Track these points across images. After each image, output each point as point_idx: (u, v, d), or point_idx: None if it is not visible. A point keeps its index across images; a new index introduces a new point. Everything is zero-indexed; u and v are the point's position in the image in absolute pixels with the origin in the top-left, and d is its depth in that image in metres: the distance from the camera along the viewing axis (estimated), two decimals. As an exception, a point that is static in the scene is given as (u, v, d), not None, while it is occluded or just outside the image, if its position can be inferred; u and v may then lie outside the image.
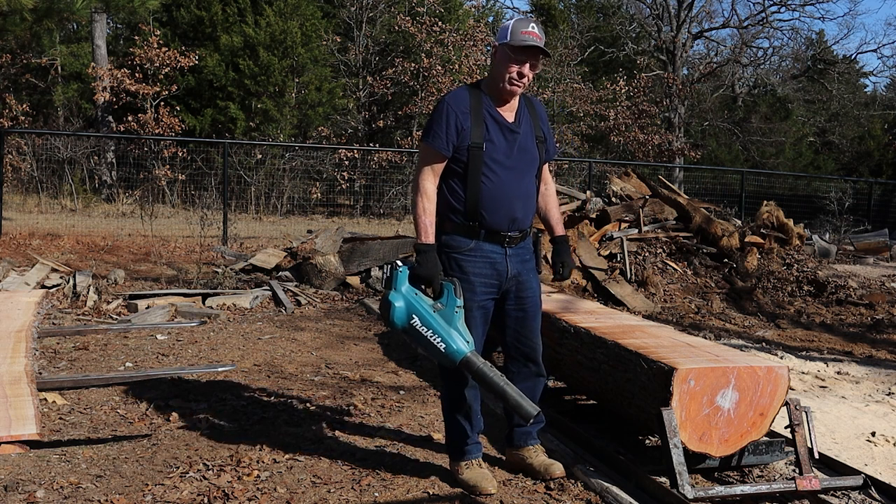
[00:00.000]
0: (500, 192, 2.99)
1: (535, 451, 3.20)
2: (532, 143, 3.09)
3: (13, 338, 4.03)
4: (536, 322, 3.17)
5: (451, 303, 2.81)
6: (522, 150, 3.06)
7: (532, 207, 3.14)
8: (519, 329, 3.13)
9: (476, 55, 19.35)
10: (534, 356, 3.17)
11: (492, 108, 3.04)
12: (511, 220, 3.02)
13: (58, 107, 19.67)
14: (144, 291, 6.78)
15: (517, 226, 3.04)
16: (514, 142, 3.04)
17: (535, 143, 3.11)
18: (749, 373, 3.09)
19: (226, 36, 18.17)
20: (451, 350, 2.77)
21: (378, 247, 8.08)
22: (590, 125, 21.32)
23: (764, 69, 28.74)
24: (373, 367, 4.97)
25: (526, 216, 3.08)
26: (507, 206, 3.00)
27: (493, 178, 2.98)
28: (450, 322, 2.79)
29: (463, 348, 2.78)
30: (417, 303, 2.82)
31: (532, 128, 3.12)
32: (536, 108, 3.20)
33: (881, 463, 3.72)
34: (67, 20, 9.97)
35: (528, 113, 3.14)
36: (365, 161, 16.57)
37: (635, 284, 8.10)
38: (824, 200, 15.64)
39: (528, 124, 3.11)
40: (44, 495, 2.84)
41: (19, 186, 14.68)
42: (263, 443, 3.45)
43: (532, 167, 3.11)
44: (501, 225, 3.01)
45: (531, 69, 3.03)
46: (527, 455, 3.18)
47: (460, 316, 2.82)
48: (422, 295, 2.86)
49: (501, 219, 3.00)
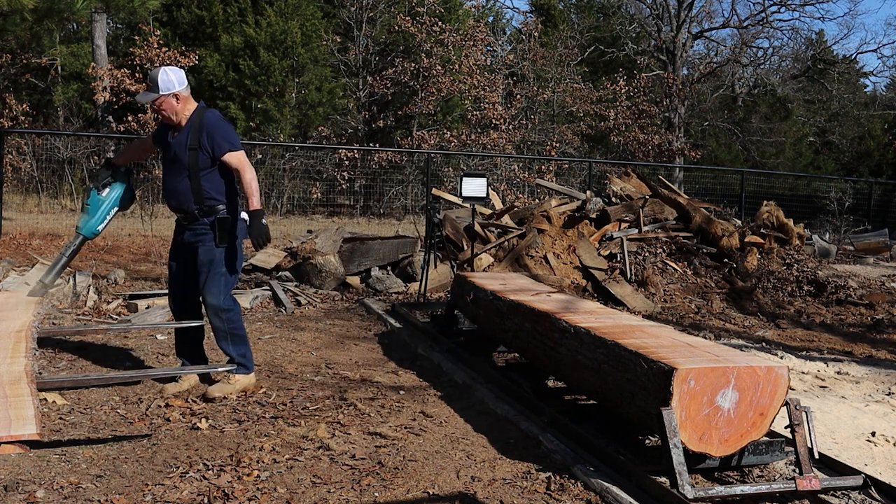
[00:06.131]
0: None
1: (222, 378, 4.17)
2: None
3: (13, 338, 4.02)
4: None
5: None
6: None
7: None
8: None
9: (476, 55, 19.34)
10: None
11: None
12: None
13: (58, 107, 19.67)
14: (144, 291, 6.77)
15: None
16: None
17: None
18: (749, 373, 3.09)
19: (226, 36, 18.17)
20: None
21: (378, 247, 8.08)
22: (590, 125, 21.32)
23: (764, 69, 28.75)
24: (373, 367, 4.97)
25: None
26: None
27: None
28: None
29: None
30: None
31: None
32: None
33: (881, 463, 3.72)
34: (67, 20, 9.96)
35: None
36: (365, 161, 16.57)
37: (635, 284, 8.10)
38: (824, 200, 15.65)
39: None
40: (44, 495, 2.84)
41: (19, 186, 14.67)
42: (263, 443, 3.45)
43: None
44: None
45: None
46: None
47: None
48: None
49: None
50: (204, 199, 4.05)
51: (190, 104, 4.10)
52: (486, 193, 6.93)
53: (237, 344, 4.16)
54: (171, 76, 4.03)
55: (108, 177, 4.35)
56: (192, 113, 4.09)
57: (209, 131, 4.02)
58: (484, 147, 18.04)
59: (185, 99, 4.07)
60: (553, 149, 19.60)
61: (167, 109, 4.04)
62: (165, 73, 4.03)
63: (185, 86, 4.07)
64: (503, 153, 17.93)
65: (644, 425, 3.41)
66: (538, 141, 20.24)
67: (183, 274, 4.25)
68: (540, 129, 20.53)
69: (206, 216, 4.07)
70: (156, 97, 4.02)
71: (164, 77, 4.02)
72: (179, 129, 4.09)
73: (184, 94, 4.06)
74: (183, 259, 4.22)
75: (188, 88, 4.10)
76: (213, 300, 4.10)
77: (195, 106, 4.12)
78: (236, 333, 4.17)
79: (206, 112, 4.11)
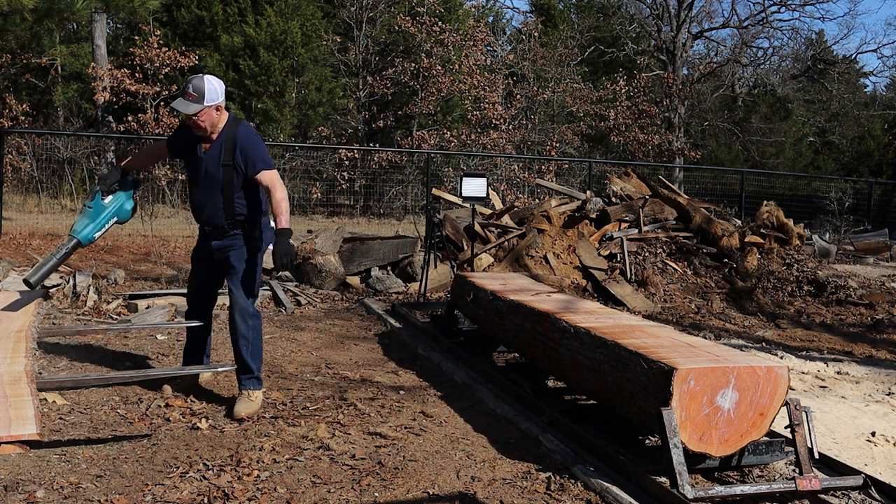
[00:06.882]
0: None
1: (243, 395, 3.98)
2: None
3: (13, 338, 4.02)
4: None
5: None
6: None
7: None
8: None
9: (476, 55, 19.34)
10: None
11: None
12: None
13: (58, 107, 19.65)
14: (144, 291, 6.77)
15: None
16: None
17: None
18: (749, 373, 3.09)
19: (226, 36, 18.17)
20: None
21: (378, 247, 8.08)
22: (590, 125, 21.31)
23: (764, 69, 28.73)
24: (373, 367, 4.97)
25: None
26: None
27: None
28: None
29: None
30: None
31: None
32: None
33: (881, 463, 3.72)
34: (67, 20, 9.96)
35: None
36: (365, 161, 16.57)
37: (635, 284, 8.10)
38: (824, 200, 15.64)
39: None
40: (44, 495, 2.84)
41: (19, 186, 14.66)
42: (263, 443, 3.45)
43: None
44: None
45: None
46: (238, 396, 3.97)
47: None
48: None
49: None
50: (235, 214, 3.94)
51: (224, 116, 3.91)
52: (486, 193, 6.94)
53: (255, 358, 4.03)
54: (216, 86, 3.83)
55: (115, 182, 4.16)
56: (223, 125, 3.90)
57: (244, 148, 3.85)
58: (484, 147, 18.04)
59: (222, 111, 3.90)
60: (553, 149, 19.60)
61: (206, 121, 3.82)
62: (210, 83, 3.81)
63: (224, 97, 3.90)
64: (503, 153, 17.93)
65: (644, 425, 3.42)
66: (538, 141, 20.24)
67: (207, 278, 4.19)
68: (540, 129, 20.53)
69: (235, 228, 3.98)
70: (200, 108, 3.77)
71: (209, 87, 3.79)
72: (209, 141, 3.89)
73: (223, 105, 3.89)
74: (208, 263, 4.12)
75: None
76: (243, 303, 3.99)
77: (227, 117, 3.93)
78: (256, 344, 4.05)
79: (240, 126, 3.92)
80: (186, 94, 3.78)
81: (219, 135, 3.88)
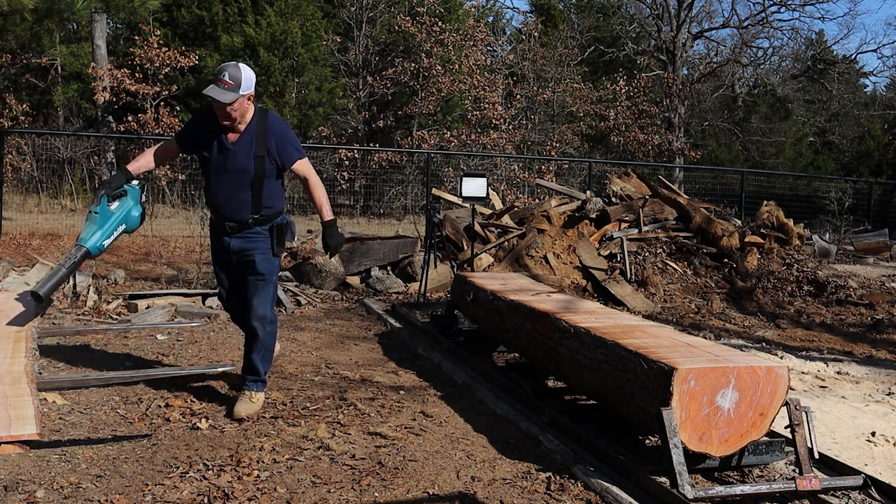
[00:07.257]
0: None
1: (244, 395, 3.90)
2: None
3: (13, 338, 4.02)
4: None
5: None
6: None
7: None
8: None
9: (476, 55, 19.34)
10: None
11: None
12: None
13: (58, 107, 19.66)
14: (144, 291, 6.77)
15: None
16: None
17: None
18: (749, 373, 3.09)
19: (226, 36, 18.18)
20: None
21: (378, 247, 8.08)
22: (590, 125, 21.32)
23: (764, 69, 28.74)
24: (373, 367, 4.97)
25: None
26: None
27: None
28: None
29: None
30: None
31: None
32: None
33: (881, 463, 3.72)
34: (67, 20, 9.96)
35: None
36: (365, 161, 16.57)
37: (635, 284, 8.10)
38: (824, 200, 15.64)
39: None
40: (44, 495, 2.84)
41: (19, 186, 14.67)
42: (263, 443, 3.45)
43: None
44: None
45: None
46: (239, 396, 3.91)
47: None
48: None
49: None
50: (262, 207, 3.80)
51: (252, 106, 3.77)
52: (486, 193, 6.94)
53: (265, 361, 3.98)
54: (251, 75, 3.68)
55: (121, 186, 3.92)
56: (251, 116, 3.76)
57: (277, 139, 3.74)
58: (484, 147, 18.05)
59: (253, 100, 3.77)
60: (553, 149, 19.60)
61: (237, 111, 3.66)
62: (246, 71, 3.66)
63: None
64: (503, 153, 17.94)
65: (644, 425, 3.42)
66: (538, 141, 20.24)
67: (237, 281, 3.99)
68: (540, 129, 20.54)
69: (259, 225, 3.83)
70: (236, 98, 3.60)
71: (246, 75, 3.64)
72: (237, 132, 3.75)
73: (252, 95, 3.74)
74: (233, 266, 3.95)
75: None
76: (263, 310, 3.91)
77: (253, 108, 3.79)
78: (270, 350, 4.01)
79: (270, 116, 3.81)
80: (221, 81, 3.60)
81: (247, 125, 3.74)
